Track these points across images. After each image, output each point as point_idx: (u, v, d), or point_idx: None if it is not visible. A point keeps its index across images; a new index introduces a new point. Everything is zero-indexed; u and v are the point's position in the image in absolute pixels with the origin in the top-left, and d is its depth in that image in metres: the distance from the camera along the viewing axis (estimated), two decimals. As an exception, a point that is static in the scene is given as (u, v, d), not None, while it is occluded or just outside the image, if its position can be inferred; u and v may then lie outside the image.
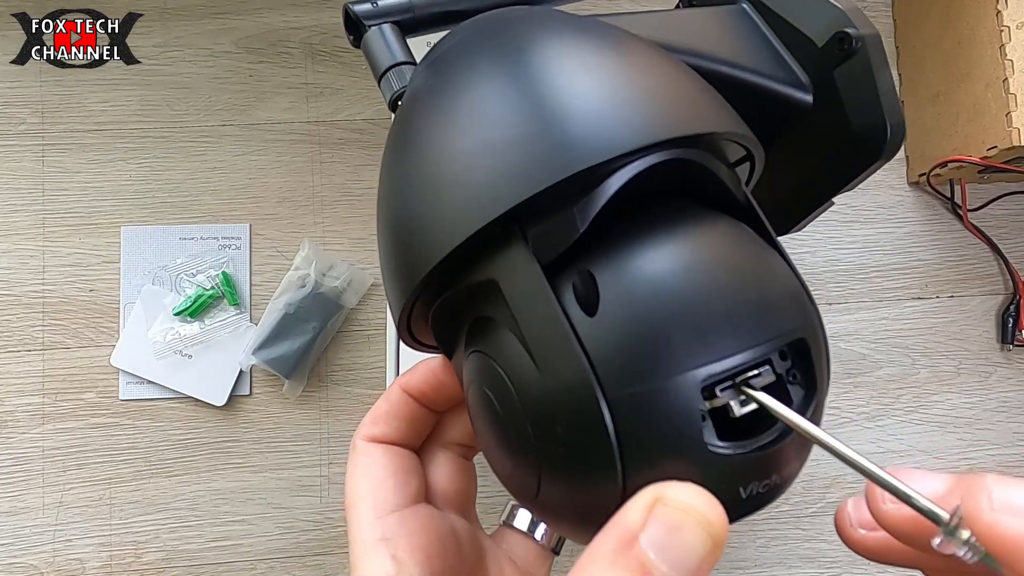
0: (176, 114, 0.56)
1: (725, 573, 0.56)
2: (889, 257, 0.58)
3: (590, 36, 0.20)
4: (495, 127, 0.18)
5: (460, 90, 0.19)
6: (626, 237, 0.18)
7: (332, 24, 0.57)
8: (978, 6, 0.50)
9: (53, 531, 0.53)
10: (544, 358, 0.17)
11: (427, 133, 0.19)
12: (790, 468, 0.18)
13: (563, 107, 0.18)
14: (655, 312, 0.16)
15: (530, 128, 0.17)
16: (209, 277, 0.54)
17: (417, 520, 0.22)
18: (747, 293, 0.17)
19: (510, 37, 0.20)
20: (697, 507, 0.15)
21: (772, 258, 0.19)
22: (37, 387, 0.54)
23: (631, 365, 0.16)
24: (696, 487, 0.15)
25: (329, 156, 0.56)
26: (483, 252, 0.18)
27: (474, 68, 0.19)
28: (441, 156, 0.19)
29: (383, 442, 0.23)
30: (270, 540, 0.54)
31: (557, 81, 0.18)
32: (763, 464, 0.17)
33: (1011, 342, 0.57)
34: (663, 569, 0.15)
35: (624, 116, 0.17)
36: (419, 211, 0.19)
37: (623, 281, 0.17)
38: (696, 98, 0.19)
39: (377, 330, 0.55)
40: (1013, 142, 0.47)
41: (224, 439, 0.54)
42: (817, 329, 0.18)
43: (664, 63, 0.20)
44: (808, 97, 0.26)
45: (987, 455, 0.57)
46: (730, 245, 0.18)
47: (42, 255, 0.54)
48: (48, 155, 0.55)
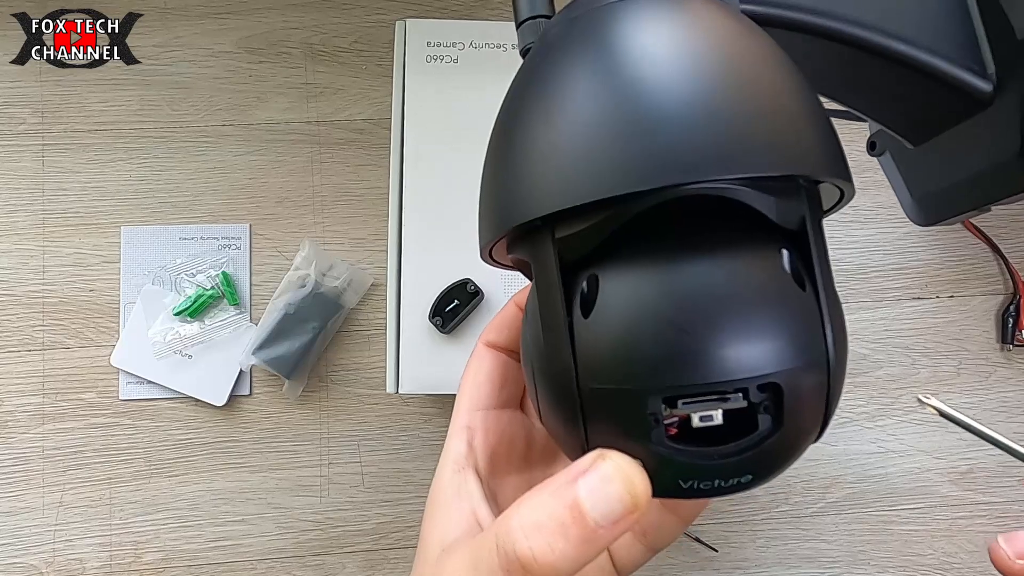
0: (176, 114, 0.56)
1: (725, 573, 0.56)
2: (889, 257, 0.58)
3: (704, 36, 0.20)
4: (591, 123, 0.19)
5: (568, 75, 0.20)
6: (641, 250, 0.19)
7: (332, 24, 0.57)
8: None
9: (53, 531, 0.53)
10: (548, 342, 0.20)
11: (539, 102, 0.21)
12: (739, 479, 0.19)
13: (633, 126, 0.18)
14: (635, 330, 0.19)
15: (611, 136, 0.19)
16: (209, 277, 0.54)
17: (499, 421, 0.26)
18: (724, 331, 0.18)
19: (621, 32, 0.20)
20: (628, 471, 0.19)
21: (784, 293, 0.19)
22: (37, 387, 0.54)
23: (602, 367, 0.19)
24: (633, 460, 0.19)
25: (329, 156, 0.56)
26: (531, 240, 0.21)
27: (581, 60, 0.20)
28: (528, 132, 0.20)
29: (495, 347, 0.27)
30: (270, 540, 0.54)
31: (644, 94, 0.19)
32: (703, 468, 0.19)
33: (1011, 342, 0.57)
34: (587, 507, 0.19)
35: (688, 147, 0.18)
36: (505, 173, 0.21)
37: (619, 293, 0.19)
38: (777, 132, 0.19)
39: (377, 330, 0.55)
40: (1013, 142, 0.47)
41: (224, 439, 0.54)
42: (804, 376, 0.19)
43: (766, 81, 0.20)
44: (988, 88, 0.23)
45: (987, 455, 0.57)
46: (732, 278, 0.19)
47: (42, 255, 0.54)
48: (48, 155, 0.55)
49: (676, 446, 0.19)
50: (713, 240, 0.19)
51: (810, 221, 0.20)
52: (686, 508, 0.27)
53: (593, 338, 0.19)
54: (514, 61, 0.45)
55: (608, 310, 0.19)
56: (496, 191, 0.22)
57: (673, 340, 0.18)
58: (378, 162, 0.56)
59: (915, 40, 0.23)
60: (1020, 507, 0.56)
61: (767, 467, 0.20)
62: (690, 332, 0.18)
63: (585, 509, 0.19)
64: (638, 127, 0.18)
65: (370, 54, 0.57)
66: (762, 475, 0.20)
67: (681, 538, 0.55)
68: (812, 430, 0.20)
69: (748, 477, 0.19)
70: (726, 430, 0.19)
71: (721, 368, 0.18)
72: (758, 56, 0.20)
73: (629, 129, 0.18)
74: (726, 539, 0.56)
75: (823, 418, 0.20)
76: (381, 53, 0.57)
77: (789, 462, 0.21)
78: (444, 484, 0.25)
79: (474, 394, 0.27)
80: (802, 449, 0.21)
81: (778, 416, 0.19)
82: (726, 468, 0.19)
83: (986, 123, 0.24)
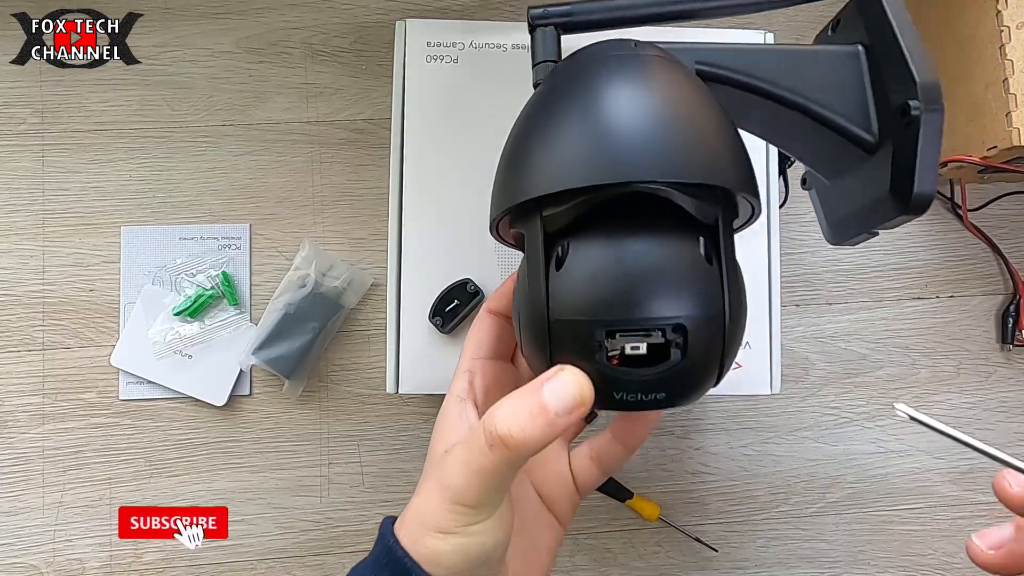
0: (176, 114, 0.56)
1: (725, 573, 0.56)
2: (889, 257, 0.58)
3: (657, 85, 0.29)
4: (561, 139, 0.28)
5: (557, 109, 0.29)
6: (600, 229, 0.28)
7: (332, 24, 0.57)
8: (978, 6, 0.50)
9: (53, 531, 0.53)
10: (531, 288, 0.28)
11: (541, 120, 0.30)
12: (655, 395, 0.27)
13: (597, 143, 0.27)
14: (591, 281, 0.27)
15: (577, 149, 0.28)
16: (209, 277, 0.54)
17: (493, 368, 0.35)
18: (653, 289, 0.27)
19: (601, 79, 0.29)
20: (579, 379, 0.27)
21: (700, 271, 0.27)
22: (37, 387, 0.54)
23: (566, 306, 0.27)
24: (583, 372, 0.27)
25: (329, 156, 0.56)
26: (526, 216, 0.29)
27: (568, 98, 0.29)
28: (533, 140, 0.29)
29: (495, 313, 0.35)
30: (270, 540, 0.54)
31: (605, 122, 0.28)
32: (630, 383, 0.27)
33: (1011, 342, 0.57)
34: (549, 402, 0.26)
35: (625, 157, 0.27)
36: (514, 167, 0.30)
37: (583, 256, 0.28)
38: (701, 154, 0.28)
39: (377, 330, 0.55)
40: (1013, 142, 0.47)
41: (224, 439, 0.54)
42: (705, 323, 0.27)
43: (698, 117, 0.28)
44: (872, 140, 0.31)
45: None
46: (662, 256, 0.27)
47: (42, 255, 0.54)
48: (48, 155, 0.55)
49: (613, 366, 0.27)
50: (651, 225, 0.27)
51: (722, 220, 0.28)
52: (630, 438, 0.36)
53: (562, 285, 0.28)
54: (514, 61, 0.46)
55: (574, 267, 0.28)
56: (505, 181, 0.30)
57: (616, 290, 0.27)
58: (378, 162, 0.56)
59: (820, 100, 0.31)
60: (1020, 507, 0.57)
61: (675, 390, 0.28)
62: (628, 285, 0.27)
63: (547, 403, 0.26)
64: (605, 143, 0.27)
65: (370, 54, 0.57)
66: (672, 396, 0.28)
67: (681, 538, 0.55)
68: (711, 368, 0.28)
69: (662, 395, 0.27)
70: (649, 359, 0.27)
71: (647, 311, 0.27)
72: (695, 103, 0.29)
73: (599, 144, 0.27)
74: (726, 539, 0.56)
75: (720, 360, 0.28)
76: (381, 53, 0.57)
77: (692, 391, 0.29)
78: (449, 411, 0.33)
79: (476, 346, 0.34)
80: (703, 383, 0.29)
81: (684, 350, 0.27)
82: (646, 385, 0.27)
83: (871, 167, 0.31)
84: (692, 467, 0.56)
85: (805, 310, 0.57)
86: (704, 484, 0.56)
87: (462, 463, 0.28)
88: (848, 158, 0.32)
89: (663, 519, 0.55)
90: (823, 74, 0.32)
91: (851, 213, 0.33)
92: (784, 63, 0.32)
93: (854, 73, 0.31)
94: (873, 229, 0.32)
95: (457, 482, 0.28)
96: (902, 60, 0.29)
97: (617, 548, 0.55)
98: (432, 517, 0.29)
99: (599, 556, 0.55)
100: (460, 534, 0.28)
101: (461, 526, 0.28)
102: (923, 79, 0.28)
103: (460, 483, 0.28)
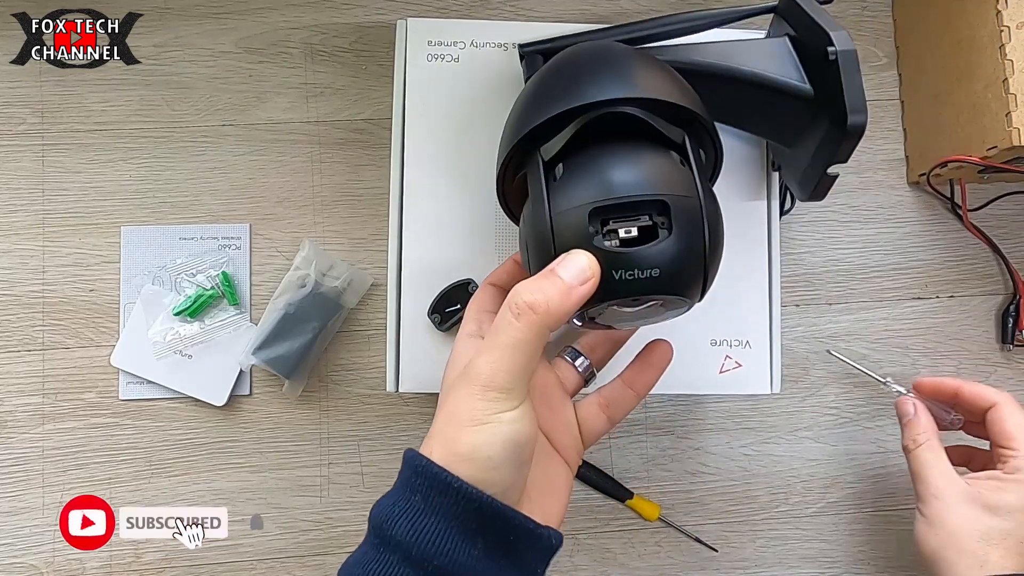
0: (176, 114, 0.56)
1: (725, 573, 0.56)
2: (889, 257, 0.58)
3: (622, 57, 0.36)
4: (548, 89, 0.36)
5: (543, 78, 0.37)
6: (587, 149, 0.33)
7: (332, 24, 0.57)
8: (978, 6, 0.50)
9: (53, 531, 0.53)
10: (535, 200, 0.33)
11: (533, 88, 0.37)
12: (650, 271, 0.31)
13: (576, 81, 0.35)
14: (582, 179, 0.32)
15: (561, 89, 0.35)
16: (209, 277, 0.54)
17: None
18: (637, 175, 0.32)
19: (574, 52, 0.37)
20: (585, 255, 0.30)
21: (674, 167, 0.32)
22: (37, 387, 0.54)
23: (562, 201, 0.32)
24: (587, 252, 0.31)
25: (329, 156, 0.56)
26: (527, 159, 0.35)
27: (552, 69, 0.37)
28: (525, 101, 0.36)
29: (496, 286, 0.39)
30: (270, 540, 0.54)
31: (582, 70, 0.35)
32: (626, 260, 0.31)
33: (1011, 342, 0.57)
34: (564, 275, 0.30)
35: (601, 86, 0.34)
36: (511, 125, 0.36)
37: (575, 165, 0.33)
38: (655, 80, 0.34)
39: (377, 330, 0.55)
40: (1013, 142, 0.47)
41: (224, 439, 0.54)
42: (684, 204, 0.31)
43: (655, 70, 0.35)
44: (808, 89, 0.39)
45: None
46: (639, 157, 0.32)
47: (42, 255, 0.54)
48: (48, 155, 0.55)
49: (610, 247, 0.31)
50: (630, 140, 0.33)
51: (688, 138, 0.34)
52: (640, 383, 0.39)
53: (559, 190, 0.32)
54: (514, 61, 0.46)
55: (569, 175, 0.33)
56: (506, 133, 0.37)
57: (604, 180, 0.32)
58: (378, 162, 0.56)
59: (761, 69, 0.39)
60: (1020, 507, 0.56)
61: (667, 264, 0.31)
62: (614, 176, 0.32)
63: (561, 275, 0.30)
64: (583, 81, 0.34)
65: (370, 54, 0.57)
66: (665, 271, 0.31)
67: (681, 538, 0.55)
68: (697, 252, 0.32)
69: (656, 271, 0.31)
70: (640, 241, 0.31)
71: (633, 191, 0.31)
72: (652, 61, 0.36)
73: (578, 82, 0.34)
74: (726, 539, 0.56)
75: (703, 249, 0.32)
76: (381, 53, 0.57)
77: (682, 271, 0.32)
78: (459, 347, 0.36)
79: (481, 305, 0.38)
80: (691, 265, 0.32)
81: (669, 228, 0.31)
82: (642, 261, 0.31)
83: (817, 122, 0.39)
84: (692, 467, 0.56)
85: (805, 310, 0.57)
86: (704, 484, 0.56)
87: (490, 347, 0.31)
88: (797, 119, 0.40)
89: (663, 519, 0.55)
90: (761, 54, 0.40)
91: (809, 164, 0.40)
92: (729, 50, 0.40)
93: (784, 52, 0.40)
94: (829, 169, 0.39)
95: (487, 368, 0.30)
96: (816, 24, 0.38)
97: (617, 548, 0.55)
98: (465, 413, 0.30)
99: (599, 556, 0.55)
100: (495, 423, 0.30)
101: (495, 413, 0.30)
102: (834, 31, 0.37)
103: (490, 368, 0.30)
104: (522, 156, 0.36)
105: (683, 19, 0.42)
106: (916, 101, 0.58)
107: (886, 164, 0.58)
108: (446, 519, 0.29)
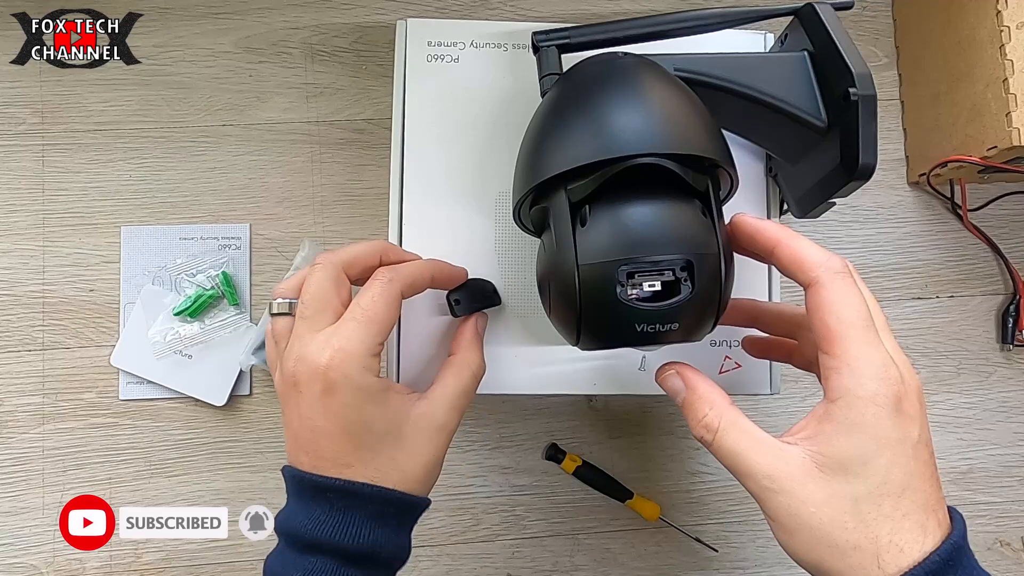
0: (176, 114, 0.56)
1: (725, 573, 0.56)
2: (889, 257, 0.58)
3: (645, 82, 0.35)
4: (576, 127, 0.34)
5: (569, 105, 0.36)
6: (615, 196, 0.33)
7: (332, 24, 0.57)
8: (978, 6, 0.50)
9: (53, 531, 0.53)
10: (561, 243, 0.34)
11: (549, 118, 0.36)
12: (670, 325, 0.32)
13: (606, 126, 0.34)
14: (610, 232, 0.33)
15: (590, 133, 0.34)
16: (209, 277, 0.54)
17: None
18: (664, 232, 0.32)
19: (600, 81, 0.35)
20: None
21: (697, 221, 0.33)
22: (37, 387, 0.54)
23: (589, 250, 0.33)
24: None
25: (329, 156, 0.56)
26: (551, 192, 0.35)
27: (577, 97, 0.36)
28: (552, 131, 0.36)
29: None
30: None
31: (611, 112, 0.34)
32: (649, 315, 0.32)
33: (1011, 342, 0.57)
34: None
35: (631, 136, 0.33)
36: (537, 154, 0.36)
37: (603, 214, 0.33)
38: (684, 129, 0.34)
39: (377, 330, 0.55)
40: (1013, 142, 0.47)
41: (224, 439, 0.54)
42: (706, 261, 0.32)
43: (686, 109, 0.35)
44: (822, 125, 0.38)
45: (987, 455, 0.57)
46: (667, 212, 0.33)
47: (42, 255, 0.54)
48: (48, 155, 0.55)
49: (635, 300, 0.32)
50: (657, 192, 0.33)
51: (711, 187, 0.34)
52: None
53: (586, 238, 0.33)
54: (514, 61, 0.46)
55: (596, 223, 0.33)
56: (528, 166, 0.36)
57: (634, 236, 0.32)
58: (378, 162, 0.56)
59: (777, 95, 0.38)
60: (1020, 507, 0.57)
61: (686, 320, 0.32)
62: (643, 232, 0.32)
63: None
64: (611, 128, 0.33)
65: (370, 54, 0.57)
66: (684, 325, 0.33)
67: (681, 538, 0.55)
68: (713, 302, 0.33)
69: (675, 325, 0.32)
70: (663, 296, 0.32)
71: (661, 251, 0.32)
72: (677, 94, 0.35)
73: (606, 129, 0.33)
74: (726, 539, 0.56)
75: (719, 296, 0.33)
76: (381, 53, 0.57)
77: (699, 321, 0.33)
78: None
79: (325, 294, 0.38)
80: (708, 315, 0.33)
81: (691, 284, 0.32)
82: (663, 316, 0.32)
83: (824, 148, 0.38)
84: (692, 467, 0.56)
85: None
86: (704, 484, 0.56)
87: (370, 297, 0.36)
88: (804, 143, 0.39)
89: (663, 519, 0.55)
90: (777, 74, 0.39)
91: (811, 188, 0.40)
92: (744, 66, 0.39)
93: (802, 73, 0.39)
94: (830, 199, 0.39)
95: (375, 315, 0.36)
96: (840, 57, 0.36)
97: (617, 548, 0.55)
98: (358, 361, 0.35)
99: (599, 556, 0.55)
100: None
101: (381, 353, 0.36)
102: (858, 70, 0.35)
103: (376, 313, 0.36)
104: (543, 186, 0.35)
105: (705, 16, 0.40)
106: (916, 101, 0.58)
107: (886, 164, 0.58)
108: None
